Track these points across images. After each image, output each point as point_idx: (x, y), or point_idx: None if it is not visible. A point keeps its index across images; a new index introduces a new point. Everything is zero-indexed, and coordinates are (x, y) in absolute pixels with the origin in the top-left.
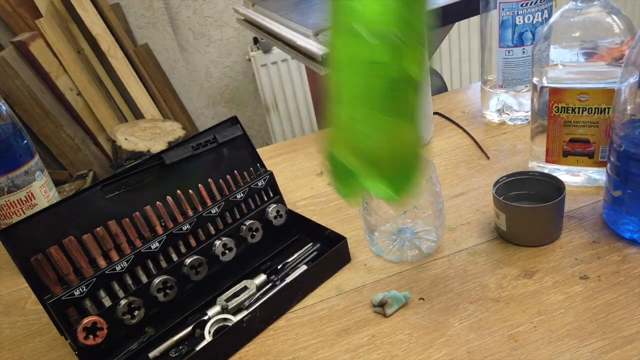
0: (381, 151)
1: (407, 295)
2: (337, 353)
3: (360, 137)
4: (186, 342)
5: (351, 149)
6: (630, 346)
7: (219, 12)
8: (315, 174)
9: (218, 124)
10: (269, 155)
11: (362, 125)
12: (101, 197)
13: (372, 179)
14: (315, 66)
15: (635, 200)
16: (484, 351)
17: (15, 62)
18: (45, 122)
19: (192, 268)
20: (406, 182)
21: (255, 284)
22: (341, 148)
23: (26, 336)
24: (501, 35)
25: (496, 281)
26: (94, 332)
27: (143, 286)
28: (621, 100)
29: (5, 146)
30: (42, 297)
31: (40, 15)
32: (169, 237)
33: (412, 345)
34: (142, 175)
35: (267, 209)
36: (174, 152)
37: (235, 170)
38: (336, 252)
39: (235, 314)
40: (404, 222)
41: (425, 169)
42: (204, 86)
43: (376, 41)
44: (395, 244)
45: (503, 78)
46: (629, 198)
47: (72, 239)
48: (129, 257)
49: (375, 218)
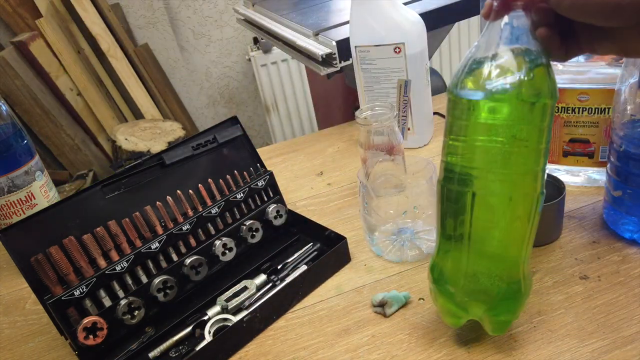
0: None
1: (407, 295)
2: (337, 353)
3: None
4: (186, 342)
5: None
6: (630, 346)
7: (219, 12)
8: (316, 174)
9: (218, 124)
10: (269, 155)
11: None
12: (101, 197)
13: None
14: (315, 66)
15: (635, 200)
16: (484, 351)
17: (15, 62)
18: (45, 122)
19: (192, 268)
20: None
21: (255, 284)
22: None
23: (26, 336)
24: None
25: None
26: (94, 332)
27: (143, 286)
28: (621, 100)
29: (5, 146)
30: (42, 297)
31: (40, 15)
32: (169, 237)
33: (412, 345)
34: (142, 175)
35: (267, 209)
36: (174, 152)
37: (235, 170)
38: (336, 252)
39: (235, 314)
40: (404, 222)
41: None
42: (204, 86)
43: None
44: (395, 244)
45: None
46: (629, 198)
47: (72, 239)
48: (129, 257)
49: (376, 218)
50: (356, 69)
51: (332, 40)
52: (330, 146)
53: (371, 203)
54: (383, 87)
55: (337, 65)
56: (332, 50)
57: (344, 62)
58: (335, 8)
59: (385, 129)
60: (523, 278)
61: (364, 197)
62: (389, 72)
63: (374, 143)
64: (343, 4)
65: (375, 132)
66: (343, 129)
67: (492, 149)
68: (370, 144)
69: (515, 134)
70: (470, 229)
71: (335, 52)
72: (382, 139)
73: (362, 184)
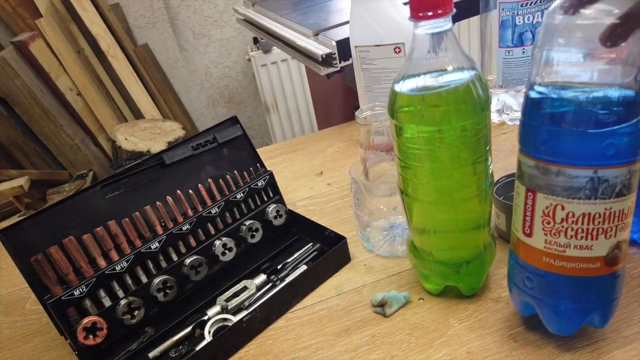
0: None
1: (407, 296)
2: (337, 353)
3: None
4: (186, 342)
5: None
6: (630, 346)
7: (219, 12)
8: (315, 174)
9: (218, 124)
10: (269, 155)
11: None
12: (101, 197)
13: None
14: (315, 66)
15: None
16: (484, 351)
17: (15, 62)
18: (45, 122)
19: (192, 268)
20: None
21: (255, 284)
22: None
23: (26, 336)
24: (501, 35)
25: (496, 281)
26: (94, 332)
27: (143, 286)
28: None
29: None
30: (42, 297)
31: (40, 15)
32: (169, 237)
33: (412, 345)
34: (142, 175)
35: (267, 209)
36: (174, 152)
37: (235, 170)
38: (336, 252)
39: (235, 314)
40: (396, 218)
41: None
42: (204, 86)
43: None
44: (387, 239)
45: (503, 78)
46: None
47: (72, 239)
48: (129, 257)
49: (368, 214)
50: (356, 69)
51: (332, 40)
52: (330, 146)
53: (363, 200)
54: (383, 87)
55: (337, 65)
56: (332, 50)
57: (344, 62)
58: (335, 8)
59: (385, 129)
60: (485, 246)
61: (356, 193)
62: (389, 72)
63: (373, 143)
64: (343, 4)
65: (375, 132)
66: (343, 129)
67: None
68: (370, 144)
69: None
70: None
71: (335, 52)
72: (382, 139)
73: (354, 180)
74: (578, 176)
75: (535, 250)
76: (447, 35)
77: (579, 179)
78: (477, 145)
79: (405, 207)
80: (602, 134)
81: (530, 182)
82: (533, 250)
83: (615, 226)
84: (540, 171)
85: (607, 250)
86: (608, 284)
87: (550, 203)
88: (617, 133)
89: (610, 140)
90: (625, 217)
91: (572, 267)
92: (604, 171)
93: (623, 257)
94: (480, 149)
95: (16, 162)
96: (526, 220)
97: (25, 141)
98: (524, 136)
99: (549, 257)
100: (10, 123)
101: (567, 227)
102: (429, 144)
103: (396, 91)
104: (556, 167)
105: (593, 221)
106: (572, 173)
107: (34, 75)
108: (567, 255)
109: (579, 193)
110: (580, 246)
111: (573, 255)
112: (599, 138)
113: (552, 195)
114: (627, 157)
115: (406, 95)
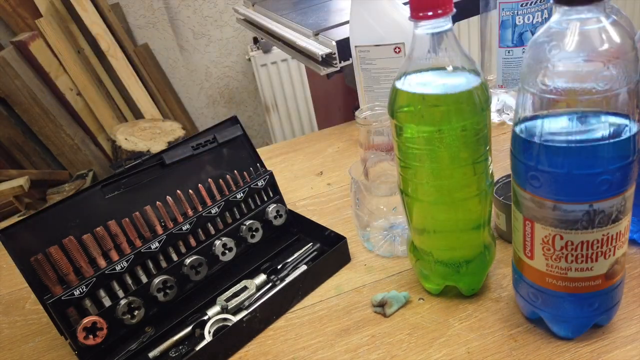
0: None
1: (407, 296)
2: (337, 353)
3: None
4: (186, 342)
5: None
6: (631, 346)
7: (219, 12)
8: (315, 174)
9: (218, 123)
10: (269, 155)
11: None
12: (101, 197)
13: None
14: (315, 66)
15: (635, 200)
16: (483, 351)
17: (15, 62)
18: (45, 122)
19: (192, 268)
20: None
21: (255, 284)
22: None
23: (26, 336)
24: (501, 35)
25: (496, 281)
26: (94, 332)
27: (143, 286)
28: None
29: None
30: (42, 297)
31: (40, 15)
32: (169, 237)
33: (411, 345)
34: (142, 175)
35: (267, 208)
36: (174, 152)
37: (235, 170)
38: (336, 252)
39: (235, 314)
40: (395, 217)
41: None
42: (203, 86)
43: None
44: (386, 239)
45: (503, 78)
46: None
47: (72, 239)
48: (129, 257)
49: (368, 214)
50: (356, 69)
51: (332, 40)
52: (330, 146)
53: (363, 199)
54: (383, 87)
55: (337, 65)
56: (332, 50)
57: (344, 62)
58: (335, 8)
59: (385, 129)
60: (485, 246)
61: (356, 193)
62: (389, 72)
63: (373, 143)
64: (343, 4)
65: (375, 132)
66: (343, 129)
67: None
68: (370, 144)
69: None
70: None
71: (335, 52)
72: (382, 139)
73: (354, 180)
74: (574, 210)
75: (537, 271)
76: (447, 35)
77: (575, 212)
78: (477, 145)
79: (405, 207)
80: (595, 174)
81: (527, 213)
82: (536, 271)
83: (614, 247)
84: (536, 204)
85: (607, 268)
86: (610, 293)
87: (548, 233)
88: (610, 171)
89: (604, 177)
90: (622, 236)
91: (574, 286)
92: (600, 204)
93: (622, 268)
94: (480, 149)
95: (16, 162)
96: (526, 244)
97: (25, 141)
98: (516, 169)
99: (552, 278)
100: (10, 123)
101: (567, 253)
102: (429, 143)
103: (396, 90)
104: (551, 203)
105: (592, 247)
106: (567, 208)
107: (33, 75)
108: (568, 277)
109: (576, 225)
110: (581, 268)
111: (574, 277)
112: (592, 177)
113: (550, 226)
114: (621, 187)
115: (406, 95)
